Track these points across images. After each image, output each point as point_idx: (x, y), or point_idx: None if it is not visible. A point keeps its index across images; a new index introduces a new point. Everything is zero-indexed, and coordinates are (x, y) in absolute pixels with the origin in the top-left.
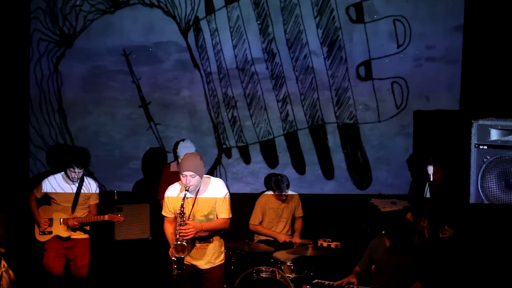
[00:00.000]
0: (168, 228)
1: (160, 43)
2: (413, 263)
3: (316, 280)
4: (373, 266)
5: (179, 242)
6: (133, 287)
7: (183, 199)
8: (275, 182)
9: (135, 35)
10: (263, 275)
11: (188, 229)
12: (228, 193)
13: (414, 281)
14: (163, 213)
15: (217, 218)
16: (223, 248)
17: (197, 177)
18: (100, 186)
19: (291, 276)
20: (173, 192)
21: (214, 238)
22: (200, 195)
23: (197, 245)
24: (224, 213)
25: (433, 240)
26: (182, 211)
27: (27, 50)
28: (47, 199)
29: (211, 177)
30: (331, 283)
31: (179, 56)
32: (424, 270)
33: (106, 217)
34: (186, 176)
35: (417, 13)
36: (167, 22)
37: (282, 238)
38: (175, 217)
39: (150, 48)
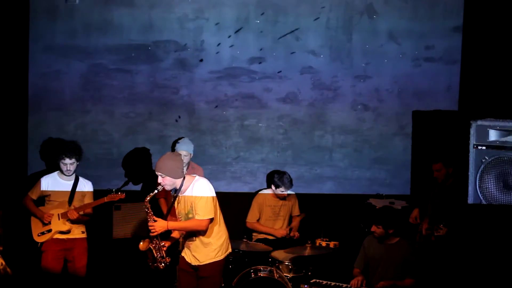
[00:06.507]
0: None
1: (159, 42)
2: (404, 258)
3: (314, 280)
4: None
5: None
6: (131, 285)
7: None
8: (279, 179)
9: (134, 33)
10: (261, 274)
11: (151, 226)
12: (210, 194)
13: (405, 276)
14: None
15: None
16: (213, 247)
17: (167, 177)
18: (98, 184)
19: (289, 275)
20: None
21: (199, 236)
22: (182, 194)
23: (186, 242)
24: (198, 214)
25: (430, 238)
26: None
27: (26, 49)
28: (41, 200)
29: (196, 177)
30: (329, 282)
31: (178, 55)
32: (419, 266)
33: (105, 199)
34: (158, 176)
35: (416, 13)
36: (167, 21)
37: (280, 233)
38: None
39: (149, 47)
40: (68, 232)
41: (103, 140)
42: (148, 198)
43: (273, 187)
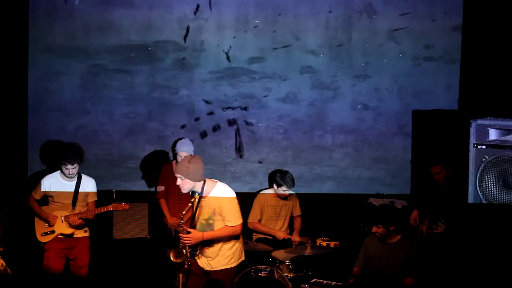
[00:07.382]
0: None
1: (159, 42)
2: (406, 257)
3: (314, 280)
4: None
5: (178, 248)
6: (132, 286)
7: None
8: (281, 178)
9: (133, 34)
10: (262, 274)
11: (186, 238)
12: (235, 198)
13: (406, 276)
14: None
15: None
16: (226, 253)
17: (187, 180)
18: (98, 185)
19: (289, 275)
20: None
21: (216, 242)
22: (203, 199)
23: (200, 247)
24: (230, 221)
25: (430, 237)
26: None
27: (26, 50)
28: (45, 200)
29: (218, 182)
30: (329, 282)
31: (177, 55)
32: (420, 266)
33: (110, 207)
34: (178, 178)
35: (416, 13)
36: (166, 21)
37: (281, 235)
38: None
39: (149, 47)
40: (71, 235)
41: (103, 140)
42: (184, 212)
43: (275, 186)
